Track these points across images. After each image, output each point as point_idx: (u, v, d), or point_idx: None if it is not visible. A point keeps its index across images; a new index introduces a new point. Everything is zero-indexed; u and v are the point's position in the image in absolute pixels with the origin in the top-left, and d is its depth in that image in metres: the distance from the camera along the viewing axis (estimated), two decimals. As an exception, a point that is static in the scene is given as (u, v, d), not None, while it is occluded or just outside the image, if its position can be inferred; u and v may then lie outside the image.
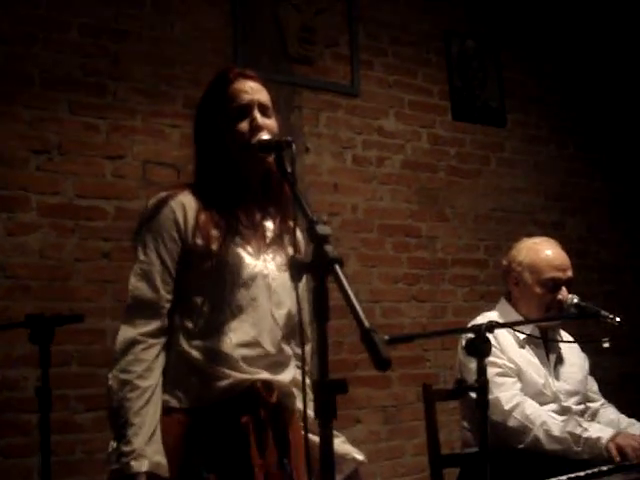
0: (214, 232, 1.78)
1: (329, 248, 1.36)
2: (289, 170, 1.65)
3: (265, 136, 1.80)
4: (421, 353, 3.76)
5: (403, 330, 3.65)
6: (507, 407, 2.43)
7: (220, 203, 1.82)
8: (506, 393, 2.43)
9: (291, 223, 1.92)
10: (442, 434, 2.69)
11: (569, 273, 2.62)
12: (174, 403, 1.76)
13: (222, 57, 3.44)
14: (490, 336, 2.12)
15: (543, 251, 2.65)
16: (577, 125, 4.74)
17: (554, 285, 2.58)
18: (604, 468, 2.19)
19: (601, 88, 4.89)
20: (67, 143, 3.00)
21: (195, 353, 1.76)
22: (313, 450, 1.89)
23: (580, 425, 2.38)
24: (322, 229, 1.39)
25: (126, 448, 1.65)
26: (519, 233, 4.30)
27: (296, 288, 1.50)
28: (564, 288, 2.59)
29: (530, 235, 4.29)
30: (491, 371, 2.41)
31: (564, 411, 2.54)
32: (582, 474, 2.11)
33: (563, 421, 2.40)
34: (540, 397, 2.52)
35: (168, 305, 1.78)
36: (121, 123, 3.13)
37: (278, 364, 1.85)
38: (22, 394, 2.77)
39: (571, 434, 2.36)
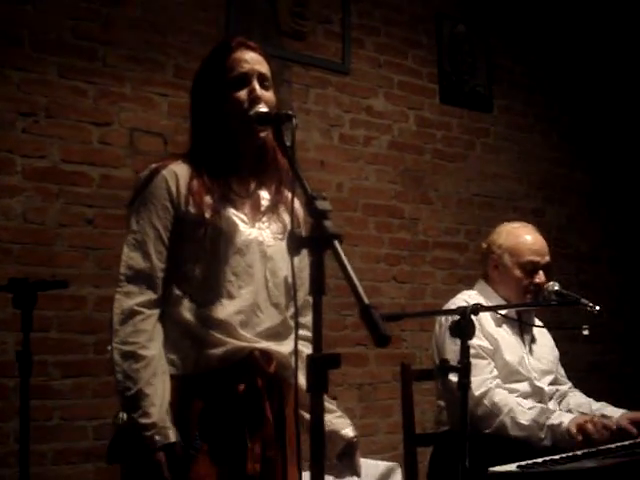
0: (207, 199, 1.78)
1: (328, 224, 1.36)
2: (288, 144, 1.64)
3: (263, 108, 1.79)
4: (398, 333, 3.78)
5: (382, 310, 3.67)
6: (477, 393, 2.45)
7: (214, 171, 1.81)
8: (477, 378, 2.43)
9: (287, 193, 1.92)
10: (415, 413, 2.71)
11: (547, 258, 2.66)
12: (171, 370, 1.75)
13: (214, 27, 3.41)
14: (451, 319, 2.14)
15: (523, 235, 2.69)
16: (562, 115, 4.77)
17: (533, 268, 2.62)
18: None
19: (587, 79, 4.93)
20: (55, 106, 2.95)
21: (192, 320, 1.75)
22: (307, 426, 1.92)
23: (544, 413, 2.41)
24: (322, 204, 1.39)
25: (145, 420, 1.64)
26: (500, 219, 4.32)
27: (292, 261, 1.49)
28: (541, 272, 2.63)
29: (509, 221, 4.36)
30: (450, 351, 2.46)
31: (536, 391, 2.59)
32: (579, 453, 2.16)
33: (530, 409, 2.43)
34: (515, 375, 2.57)
35: (162, 275, 1.77)
36: (110, 89, 3.09)
37: (277, 334, 1.84)
38: (0, 358, 2.76)
39: (536, 422, 2.40)
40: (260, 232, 1.84)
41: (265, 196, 1.89)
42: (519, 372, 2.57)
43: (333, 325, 3.50)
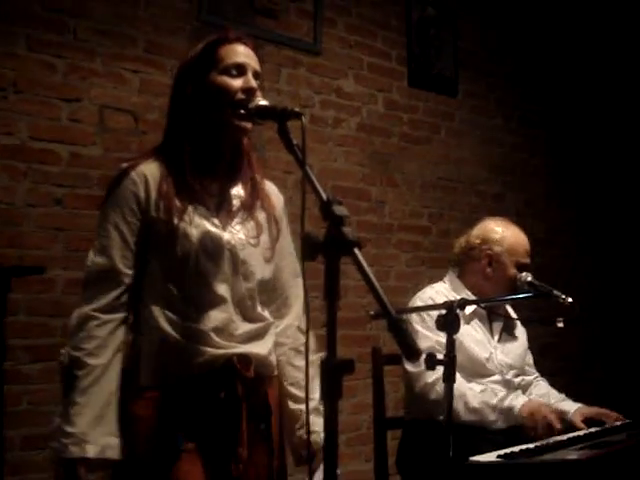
0: (177, 203, 1.72)
1: (347, 230, 1.35)
2: (295, 142, 1.60)
3: (263, 101, 1.75)
4: (363, 315, 3.81)
5: (347, 292, 3.67)
6: (430, 380, 2.50)
7: (186, 169, 1.75)
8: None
9: (263, 189, 1.87)
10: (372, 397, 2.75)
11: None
12: (148, 381, 1.72)
13: (186, 2, 3.33)
14: (436, 312, 2.17)
15: (518, 235, 2.73)
16: (522, 100, 4.84)
17: (523, 269, 2.68)
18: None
19: (548, 65, 5.00)
20: (23, 81, 2.84)
21: (168, 329, 1.71)
22: (291, 417, 1.92)
23: (495, 395, 2.49)
24: (339, 210, 1.38)
25: (68, 429, 1.62)
26: (461, 202, 4.42)
27: (303, 267, 1.46)
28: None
29: (472, 205, 4.43)
30: (423, 345, 2.49)
31: (504, 382, 2.65)
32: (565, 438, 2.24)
33: (481, 392, 2.50)
34: (483, 370, 2.61)
35: (127, 280, 1.72)
36: (79, 64, 2.98)
37: (253, 335, 1.81)
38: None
39: (486, 404, 2.47)
40: (232, 235, 1.78)
41: (239, 193, 1.83)
42: (487, 367, 2.62)
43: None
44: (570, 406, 2.64)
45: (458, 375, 2.55)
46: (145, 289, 1.75)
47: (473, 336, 2.63)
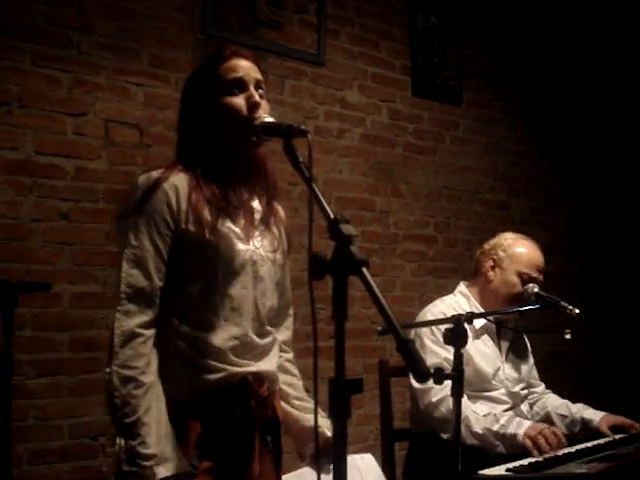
0: (206, 214, 1.73)
1: (355, 249, 1.34)
2: (301, 159, 1.60)
3: (269, 118, 1.75)
4: (369, 325, 3.81)
5: (354, 303, 3.67)
6: (434, 399, 2.51)
7: (212, 182, 1.76)
8: (437, 385, 2.48)
9: (277, 205, 1.91)
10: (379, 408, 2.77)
11: (542, 277, 2.73)
12: (165, 395, 1.71)
13: (190, 15, 3.33)
14: (445, 327, 2.16)
15: (528, 247, 2.75)
16: (526, 107, 4.84)
17: (528, 280, 2.67)
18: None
19: (552, 73, 5.00)
20: (28, 96, 2.84)
21: (185, 345, 1.72)
22: (294, 425, 1.93)
23: (498, 420, 2.45)
24: (347, 229, 1.37)
25: (144, 450, 1.60)
26: (467, 211, 4.42)
27: (311, 286, 1.44)
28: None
29: (477, 214, 4.43)
30: (430, 361, 2.48)
31: (511, 395, 2.65)
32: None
33: (485, 416, 2.47)
34: (489, 385, 2.62)
35: (159, 294, 1.72)
36: (84, 78, 2.98)
37: (263, 353, 1.83)
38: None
39: (490, 430, 2.44)
40: (255, 251, 1.80)
41: (257, 207, 1.85)
42: (493, 382, 2.62)
43: (307, 319, 3.48)
44: (594, 414, 2.66)
45: (479, 397, 2.58)
46: (167, 300, 1.74)
47: (482, 351, 2.64)
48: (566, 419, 2.71)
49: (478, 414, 2.48)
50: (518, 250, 2.71)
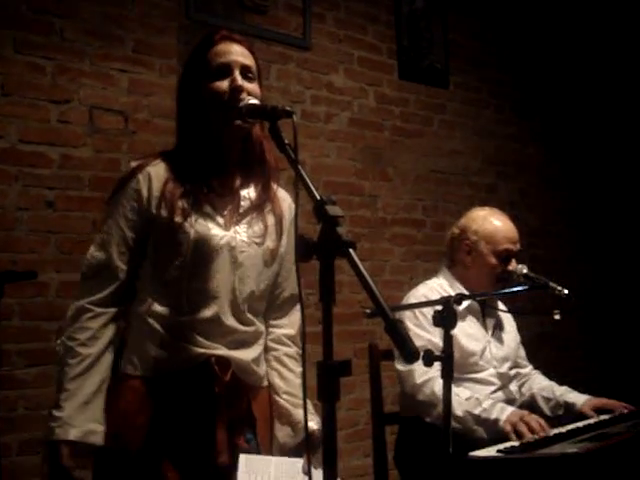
0: (180, 203, 1.75)
1: (342, 230, 1.33)
2: (287, 141, 1.59)
3: (253, 100, 1.74)
4: (358, 310, 3.80)
5: (342, 288, 3.67)
6: (418, 381, 2.49)
7: (194, 170, 1.77)
8: (421, 367, 2.43)
9: (276, 191, 1.89)
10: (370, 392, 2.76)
11: (518, 245, 2.69)
12: (130, 370, 1.76)
13: (174, 1, 3.30)
14: (429, 310, 2.14)
15: (498, 222, 2.69)
16: (514, 90, 4.83)
17: (507, 256, 2.64)
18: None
19: (539, 55, 4.99)
20: (11, 84, 2.81)
21: (155, 323, 1.75)
22: (280, 419, 1.92)
23: (480, 404, 2.42)
24: (333, 210, 1.36)
25: (56, 413, 1.70)
26: (455, 194, 4.41)
27: (297, 268, 1.43)
28: (513, 260, 2.66)
29: (465, 197, 4.42)
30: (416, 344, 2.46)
31: (501, 376, 2.64)
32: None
33: (467, 399, 2.44)
34: (476, 365, 2.60)
35: (122, 275, 1.77)
36: (68, 65, 2.95)
37: (240, 341, 1.81)
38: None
39: (471, 414, 2.40)
40: (234, 237, 1.79)
41: (248, 195, 1.84)
42: (480, 362, 2.61)
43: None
44: (578, 397, 2.65)
45: (467, 378, 2.57)
46: (140, 282, 1.79)
47: (466, 330, 2.61)
48: (550, 402, 2.71)
49: (460, 397, 2.44)
50: (489, 229, 2.66)
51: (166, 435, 1.72)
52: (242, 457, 1.76)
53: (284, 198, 1.94)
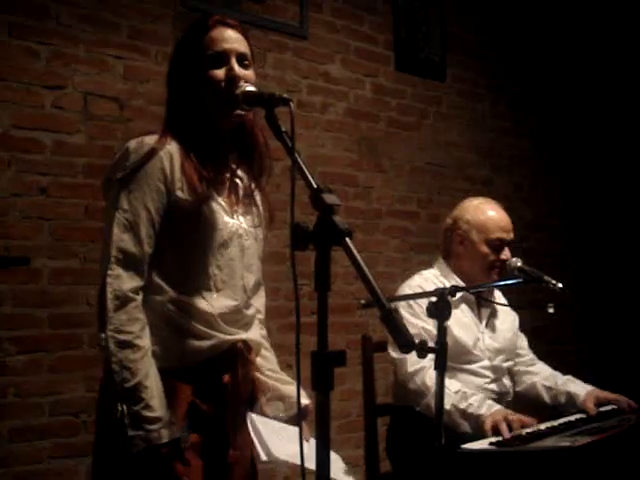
0: (198, 184, 1.71)
1: (338, 219, 1.33)
2: (283, 129, 1.58)
3: (249, 87, 1.72)
4: (352, 301, 3.80)
5: (336, 279, 3.67)
6: (410, 370, 2.49)
7: (200, 152, 1.75)
8: (414, 356, 2.45)
9: (264, 178, 1.88)
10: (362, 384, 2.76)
11: (511, 234, 2.69)
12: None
13: (171, -13, 3.27)
14: (423, 300, 2.12)
15: (490, 212, 2.69)
16: (510, 83, 4.82)
17: (499, 245, 2.64)
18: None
19: (536, 49, 4.98)
20: (5, 68, 2.78)
21: (175, 309, 1.71)
22: (268, 393, 1.92)
23: (466, 399, 2.41)
24: (330, 198, 1.36)
25: (149, 413, 1.59)
26: (450, 187, 4.40)
27: (293, 256, 1.42)
28: (507, 249, 2.66)
29: (460, 190, 4.41)
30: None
31: (494, 369, 2.64)
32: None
33: (456, 392, 2.43)
34: (469, 356, 2.59)
35: (148, 260, 1.69)
36: (63, 51, 2.93)
37: (249, 323, 1.86)
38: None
39: (456, 407, 2.40)
40: (239, 224, 1.80)
41: (242, 181, 1.85)
42: (473, 352, 2.60)
43: (289, 295, 3.49)
44: (580, 388, 2.63)
45: (460, 369, 2.56)
46: (156, 266, 1.71)
47: (459, 320, 2.60)
48: (552, 391, 2.70)
49: (449, 390, 2.42)
50: (481, 218, 2.66)
51: (198, 423, 1.71)
52: (253, 416, 1.78)
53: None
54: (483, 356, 2.62)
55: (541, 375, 2.76)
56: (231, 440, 1.75)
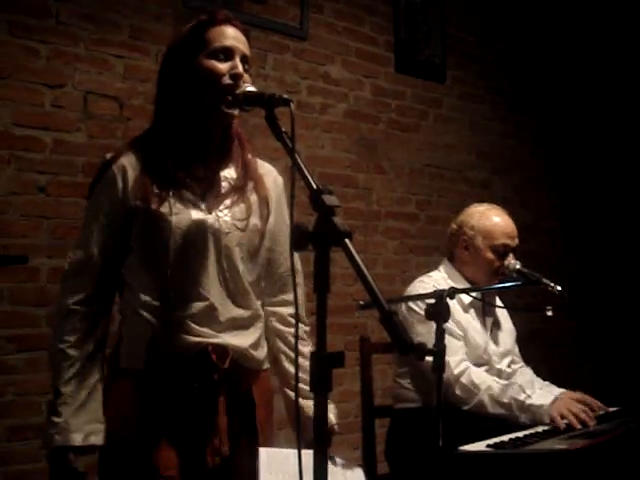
0: (155, 190, 1.71)
1: (338, 220, 1.32)
2: (283, 129, 1.57)
3: (250, 87, 1.71)
4: (351, 303, 3.80)
5: (335, 280, 3.67)
6: (456, 372, 2.48)
7: (172, 156, 1.73)
8: (455, 358, 2.48)
9: (256, 169, 1.85)
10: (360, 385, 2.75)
11: (517, 241, 2.70)
12: (125, 363, 1.74)
13: (172, -13, 3.27)
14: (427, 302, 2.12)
15: (496, 218, 2.70)
16: (510, 86, 4.82)
17: (504, 251, 2.64)
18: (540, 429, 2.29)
19: (536, 52, 4.99)
20: (5, 67, 2.78)
21: (147, 315, 1.71)
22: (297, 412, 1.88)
23: (524, 391, 2.44)
24: (329, 199, 1.35)
25: (54, 419, 1.67)
26: (449, 189, 4.41)
27: (292, 256, 1.42)
28: (511, 255, 2.66)
29: (459, 192, 4.42)
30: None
31: (495, 372, 2.64)
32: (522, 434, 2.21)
33: (505, 386, 2.46)
34: (478, 359, 2.60)
35: (106, 270, 1.74)
36: (63, 49, 2.93)
37: (237, 326, 1.78)
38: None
39: (515, 400, 2.42)
40: (217, 219, 1.75)
41: (230, 175, 1.81)
42: (481, 357, 2.61)
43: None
44: (554, 392, 2.60)
45: (478, 369, 2.57)
46: (128, 275, 1.76)
47: (472, 324, 2.63)
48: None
49: (500, 383, 2.46)
50: (486, 224, 2.67)
51: (163, 424, 1.70)
52: (262, 451, 1.74)
53: (268, 172, 1.91)
54: (490, 359, 2.64)
55: (523, 379, 2.74)
56: (214, 446, 1.72)
